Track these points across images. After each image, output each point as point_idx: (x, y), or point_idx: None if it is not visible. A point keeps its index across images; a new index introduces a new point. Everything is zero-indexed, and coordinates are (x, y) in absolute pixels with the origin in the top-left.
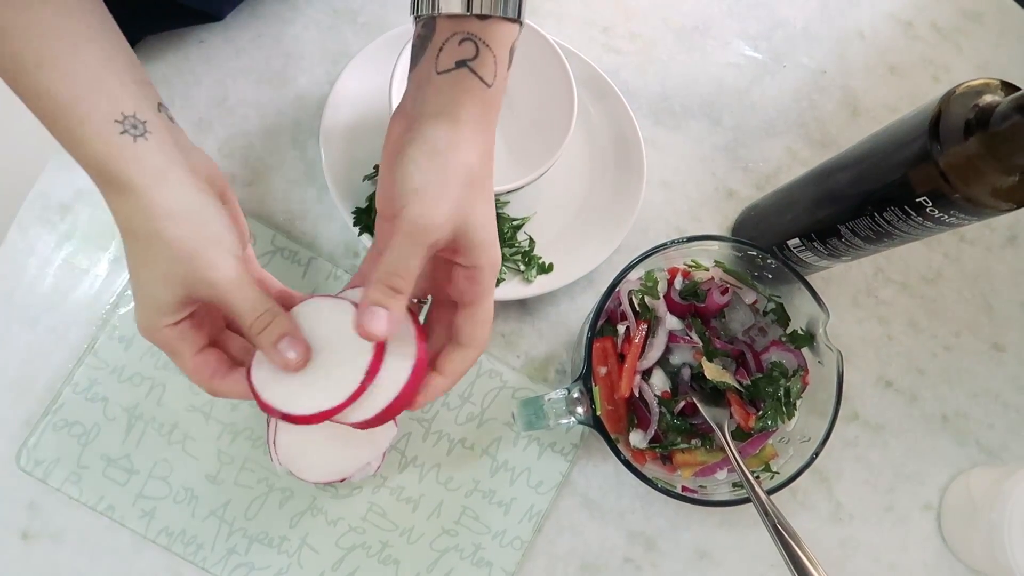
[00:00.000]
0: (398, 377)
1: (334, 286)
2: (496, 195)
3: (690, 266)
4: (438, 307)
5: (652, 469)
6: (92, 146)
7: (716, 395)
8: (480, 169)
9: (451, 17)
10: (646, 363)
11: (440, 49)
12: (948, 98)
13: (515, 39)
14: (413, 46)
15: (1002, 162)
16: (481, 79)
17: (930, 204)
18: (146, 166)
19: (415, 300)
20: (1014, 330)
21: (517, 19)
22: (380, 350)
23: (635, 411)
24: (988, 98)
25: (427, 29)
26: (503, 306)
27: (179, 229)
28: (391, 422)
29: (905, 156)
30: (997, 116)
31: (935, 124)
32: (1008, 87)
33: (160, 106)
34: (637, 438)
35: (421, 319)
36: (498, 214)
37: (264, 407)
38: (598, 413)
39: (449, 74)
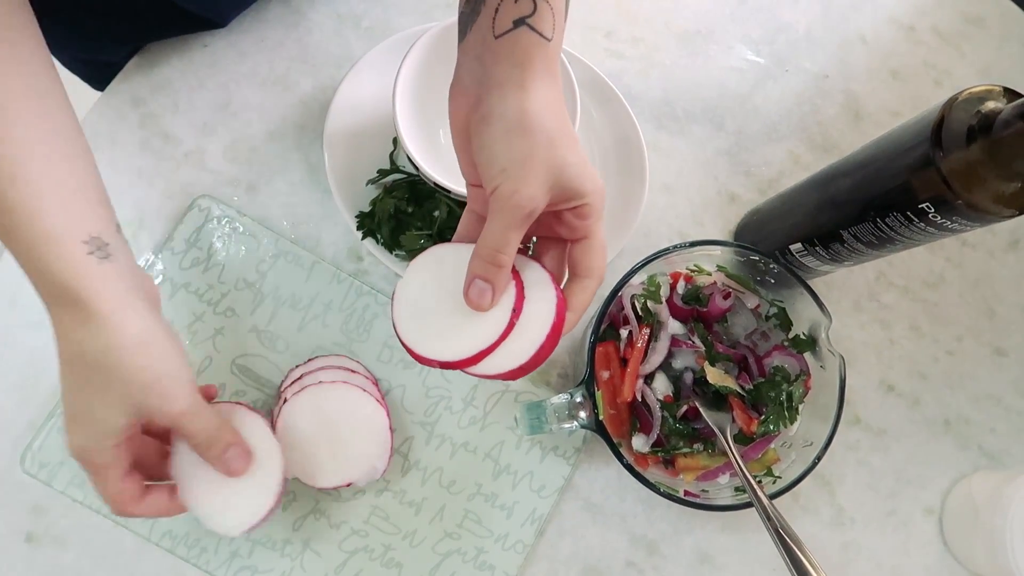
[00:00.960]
0: (543, 319)
1: (337, 290)
2: None
3: (692, 271)
4: (544, 244)
5: (654, 473)
6: (56, 265)
7: (718, 399)
8: (559, 126)
9: None
10: (648, 367)
11: (496, 10)
12: (950, 104)
13: None
14: (461, 16)
15: (1004, 168)
16: (541, 35)
17: (932, 210)
18: (110, 292)
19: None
20: (1016, 334)
21: None
22: (520, 292)
23: (637, 415)
24: (990, 104)
25: None
26: None
27: (140, 359)
28: (388, 424)
29: (907, 162)
30: (999, 123)
31: (937, 130)
32: (1011, 93)
33: (118, 227)
34: (639, 442)
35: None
36: None
37: (420, 359)
38: (601, 417)
39: (508, 36)
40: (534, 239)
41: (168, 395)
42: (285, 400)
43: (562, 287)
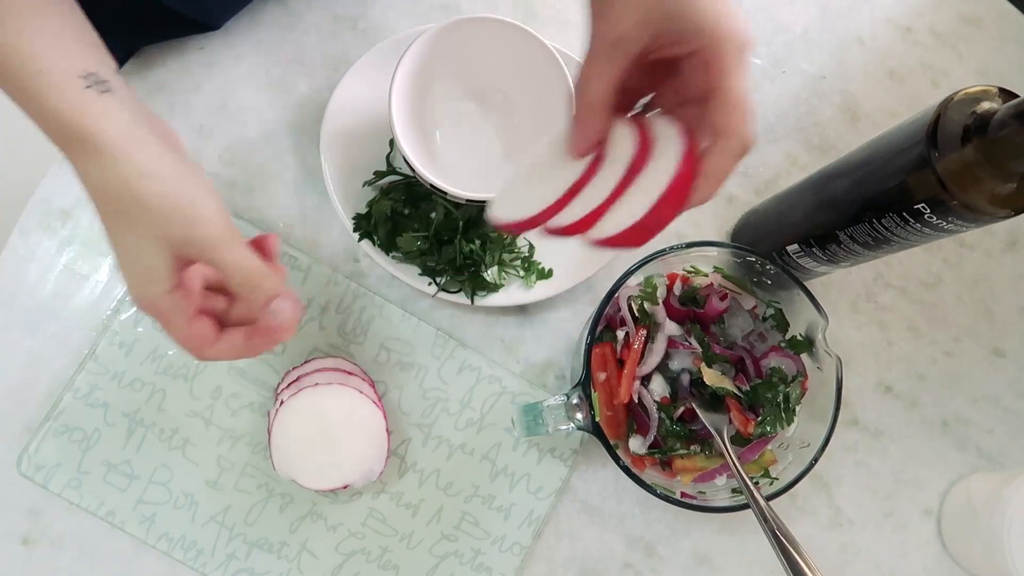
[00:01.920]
0: (665, 172)
1: (334, 292)
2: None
3: (689, 272)
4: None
5: (651, 475)
6: (55, 102)
7: (715, 401)
8: None
9: None
10: (645, 369)
11: None
12: (946, 105)
13: None
14: None
15: (1000, 169)
16: None
17: (928, 211)
18: (114, 122)
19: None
20: (1014, 335)
21: None
22: (643, 146)
23: (634, 417)
24: (986, 105)
25: None
26: (503, 311)
27: (159, 186)
28: (384, 426)
29: (903, 163)
30: (995, 123)
31: (933, 131)
32: (1006, 94)
33: (116, 68)
34: (636, 444)
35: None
36: None
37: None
38: (597, 419)
39: None
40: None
41: (195, 220)
42: (281, 402)
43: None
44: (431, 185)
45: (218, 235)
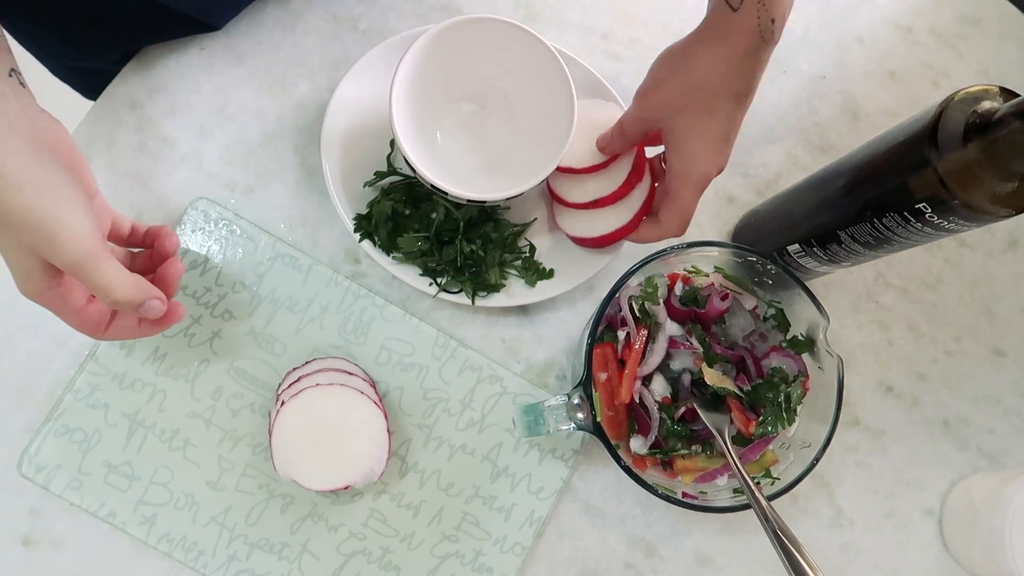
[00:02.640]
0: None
1: (335, 292)
2: (496, 201)
3: (690, 272)
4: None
5: (653, 475)
6: None
7: (716, 401)
8: (701, 79)
9: None
10: (646, 369)
11: None
12: (947, 104)
13: None
14: None
15: (1001, 168)
16: (728, 4)
17: (929, 210)
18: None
19: None
20: (1015, 335)
21: None
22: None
23: (635, 417)
24: (987, 104)
25: None
26: (504, 312)
27: (22, 199)
28: (385, 427)
29: (904, 162)
30: (996, 122)
31: (934, 130)
32: (1007, 93)
33: (12, 71)
34: (637, 444)
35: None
36: (498, 220)
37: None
38: (598, 419)
39: (710, 3)
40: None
41: (54, 239)
42: (283, 403)
43: (643, 221)
44: (432, 185)
45: (77, 256)
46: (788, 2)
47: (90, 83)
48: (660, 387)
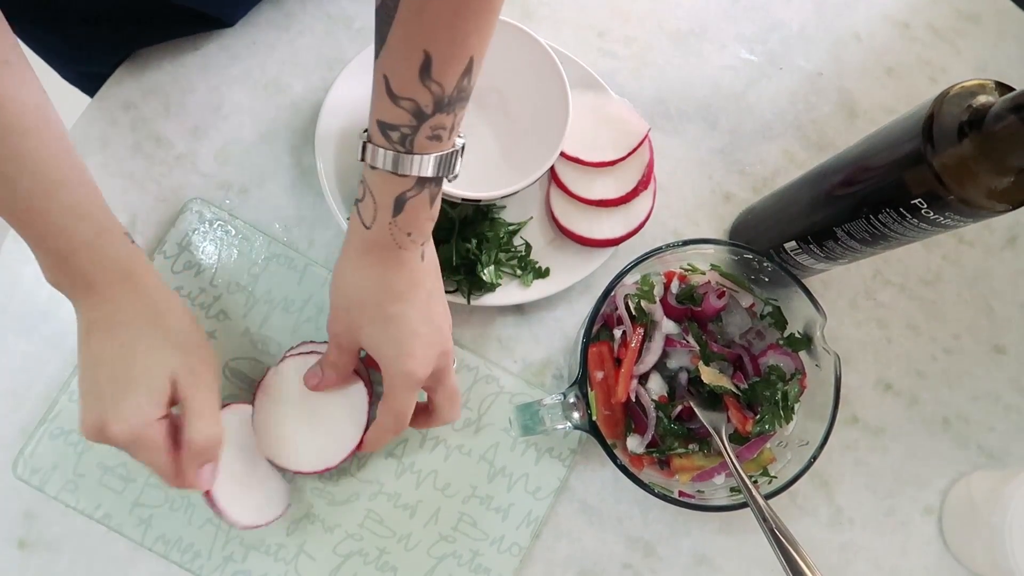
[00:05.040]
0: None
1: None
2: (492, 200)
3: (686, 270)
4: None
5: (649, 474)
6: (114, 250)
7: (713, 399)
8: (359, 297)
9: (362, 159)
10: (643, 367)
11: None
12: (942, 99)
13: (406, 190)
14: None
15: (997, 163)
16: (362, 219)
17: (925, 206)
18: (150, 267)
19: None
20: (1014, 332)
21: (410, 175)
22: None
23: (632, 416)
24: (982, 99)
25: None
26: (500, 311)
27: (188, 324)
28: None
29: (899, 158)
30: (991, 117)
31: (929, 126)
32: (1002, 87)
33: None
34: (634, 443)
35: None
36: (494, 219)
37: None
38: (594, 418)
39: (353, 207)
40: None
41: (207, 361)
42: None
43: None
44: None
45: (208, 383)
46: (425, 216)
47: (98, 87)
48: (657, 386)
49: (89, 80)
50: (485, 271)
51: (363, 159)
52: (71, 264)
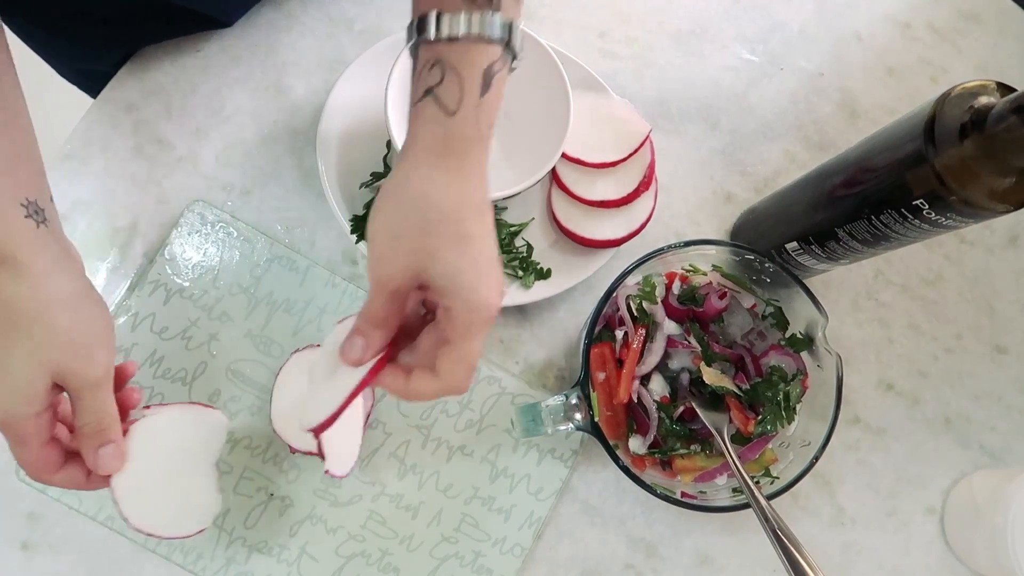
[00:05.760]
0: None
1: (332, 293)
2: (493, 201)
3: (688, 271)
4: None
5: (652, 475)
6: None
7: (715, 400)
8: (439, 206)
9: (426, 43)
10: (645, 368)
11: (417, 78)
12: (943, 100)
13: (493, 61)
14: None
15: (998, 164)
16: (443, 107)
17: (927, 207)
18: (44, 252)
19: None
20: (1016, 331)
21: (497, 40)
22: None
23: (634, 417)
24: (984, 100)
25: (414, 59)
26: (502, 312)
27: (69, 318)
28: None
29: (901, 159)
30: (993, 118)
31: (930, 126)
32: (1004, 88)
33: (51, 198)
34: (636, 444)
35: None
36: (495, 220)
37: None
38: (596, 419)
39: (418, 104)
40: None
41: (91, 359)
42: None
43: (415, 372)
44: None
45: (98, 378)
46: (499, 103)
47: (97, 85)
48: (658, 386)
49: (89, 78)
50: None
51: (430, 37)
52: None
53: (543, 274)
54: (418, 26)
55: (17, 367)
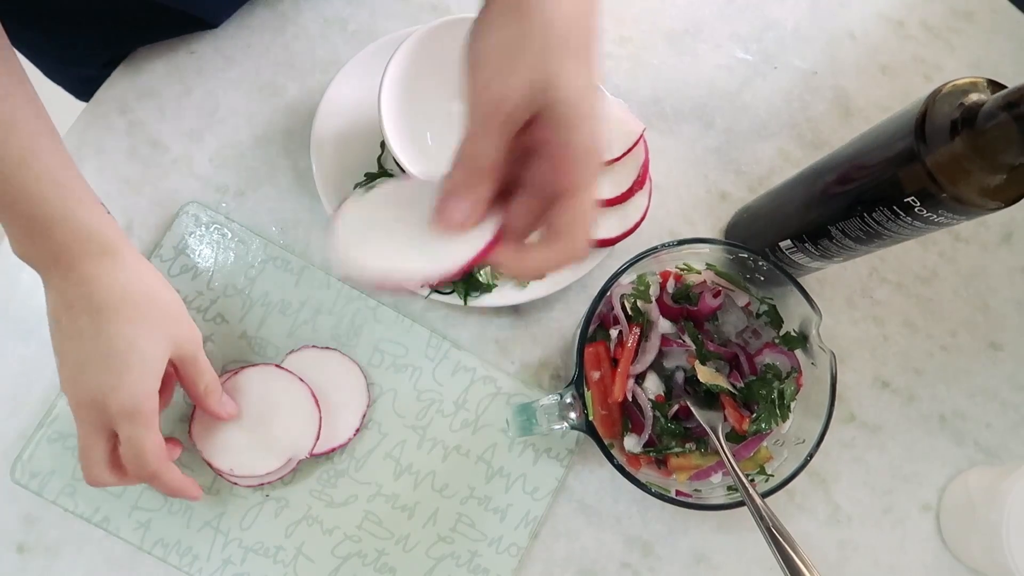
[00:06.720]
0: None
1: (327, 295)
2: None
3: (682, 269)
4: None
5: (647, 473)
6: (93, 222)
7: (710, 398)
8: (569, 24)
9: None
10: (639, 367)
11: None
12: (934, 97)
13: None
14: None
15: (989, 161)
16: None
17: (918, 204)
18: (128, 242)
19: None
20: (1011, 329)
21: None
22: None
23: (629, 415)
24: (974, 97)
25: None
26: (497, 312)
27: (167, 296)
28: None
29: (892, 156)
30: (983, 114)
31: (921, 124)
32: (995, 85)
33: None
34: (631, 442)
35: None
36: None
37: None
38: (591, 418)
39: None
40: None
41: (193, 327)
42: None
43: (537, 245)
44: None
45: (200, 340)
46: None
47: (86, 88)
48: (653, 385)
49: (78, 83)
50: (481, 272)
51: None
52: (45, 235)
53: None
54: None
55: (147, 347)
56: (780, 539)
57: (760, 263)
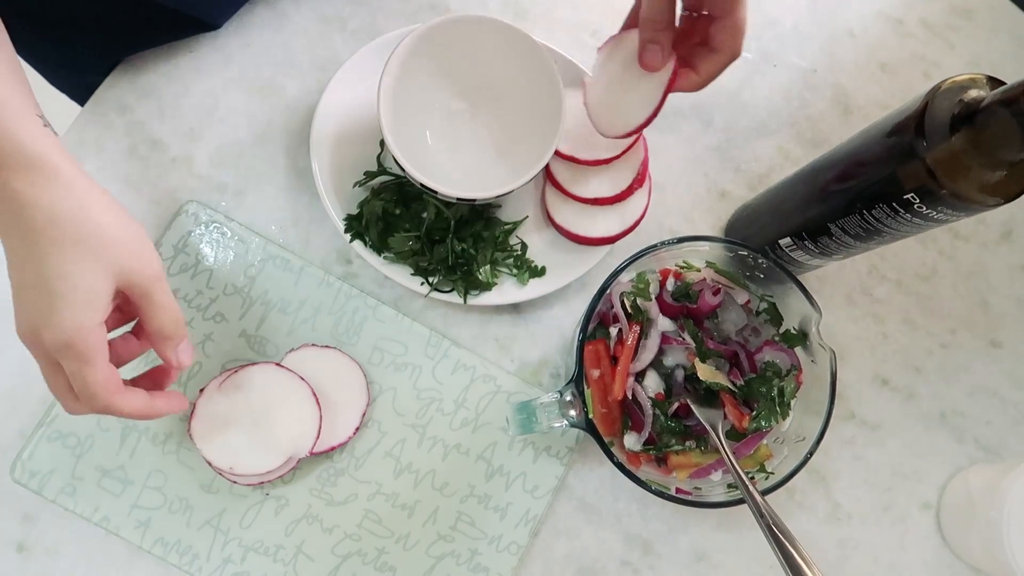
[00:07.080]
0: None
1: (327, 293)
2: (486, 199)
3: (681, 267)
4: (698, 21)
5: (647, 471)
6: (22, 135)
7: (710, 396)
8: None
9: None
10: (639, 365)
11: None
12: (933, 94)
13: None
14: None
15: (988, 157)
16: None
17: (918, 201)
18: (69, 158)
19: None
20: (1010, 326)
21: None
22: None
23: (629, 413)
24: (973, 93)
25: None
26: (497, 310)
27: (116, 219)
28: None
29: (892, 153)
30: (982, 111)
31: (920, 121)
32: (994, 82)
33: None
34: (631, 440)
35: None
36: (489, 219)
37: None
38: (591, 416)
39: None
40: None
41: (145, 256)
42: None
43: (698, 56)
44: (421, 185)
45: (158, 273)
46: None
47: (88, 96)
48: (653, 383)
49: (82, 91)
50: (481, 270)
51: None
52: None
53: (538, 272)
54: None
55: (81, 276)
56: (780, 537)
57: (760, 261)
